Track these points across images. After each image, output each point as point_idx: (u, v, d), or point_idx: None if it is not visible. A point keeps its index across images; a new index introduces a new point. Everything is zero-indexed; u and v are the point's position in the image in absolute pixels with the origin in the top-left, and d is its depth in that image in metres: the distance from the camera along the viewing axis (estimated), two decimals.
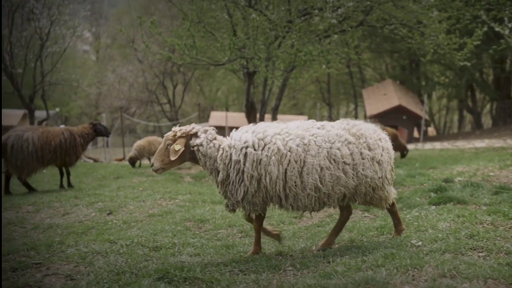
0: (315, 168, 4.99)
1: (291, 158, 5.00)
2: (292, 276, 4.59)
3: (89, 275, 4.80)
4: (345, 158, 5.07)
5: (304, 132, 5.15)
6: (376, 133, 5.35)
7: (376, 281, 4.08)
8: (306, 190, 5.04)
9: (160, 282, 4.37)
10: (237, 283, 4.36)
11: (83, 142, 11.55)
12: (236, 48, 14.46)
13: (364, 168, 5.13)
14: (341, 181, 5.07)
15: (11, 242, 6.68)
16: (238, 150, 5.08)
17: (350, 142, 5.14)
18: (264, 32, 14.24)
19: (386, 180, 5.34)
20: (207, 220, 7.47)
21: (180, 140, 5.20)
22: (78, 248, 5.89)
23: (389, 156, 5.38)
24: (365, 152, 5.16)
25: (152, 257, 5.55)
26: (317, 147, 5.04)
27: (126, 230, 7.00)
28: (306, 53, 13.89)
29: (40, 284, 4.68)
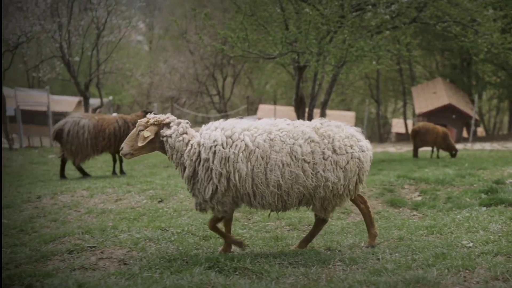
0: (278, 164, 4.89)
1: (259, 154, 4.90)
2: (342, 271, 4.58)
3: (142, 260, 4.92)
4: (305, 155, 4.92)
5: (271, 127, 5.07)
6: (350, 139, 5.11)
7: (427, 280, 4.04)
8: (269, 187, 4.92)
9: (211, 271, 4.44)
10: (286, 275, 4.40)
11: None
12: (288, 42, 14.46)
13: (325, 169, 4.95)
14: (300, 179, 4.92)
15: (67, 225, 6.92)
16: (208, 149, 4.98)
17: (313, 140, 4.99)
18: (316, 26, 14.17)
19: (347, 190, 5.13)
20: (255, 212, 7.50)
21: (151, 127, 5.10)
22: (130, 233, 6.05)
23: (358, 167, 5.11)
24: (328, 153, 4.98)
25: (202, 246, 5.66)
26: (281, 143, 4.94)
27: (177, 218, 7.12)
28: (358, 49, 13.77)
29: (95, 267, 4.83)
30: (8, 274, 4.36)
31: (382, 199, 8.43)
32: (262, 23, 15.27)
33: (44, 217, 7.45)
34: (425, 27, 24.43)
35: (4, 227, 6.74)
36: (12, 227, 6.77)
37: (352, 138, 5.12)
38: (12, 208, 8.08)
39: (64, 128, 11.03)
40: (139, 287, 3.98)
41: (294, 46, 14.61)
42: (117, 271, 4.57)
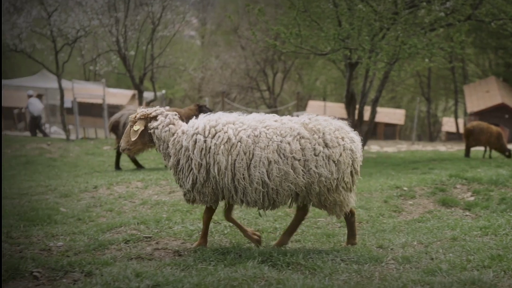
0: (263, 161, 4.79)
1: (241, 149, 4.82)
2: (395, 270, 4.55)
3: (196, 252, 5.00)
4: (295, 153, 4.81)
5: (257, 124, 4.97)
6: (340, 131, 5.00)
7: (483, 282, 3.96)
8: (253, 184, 4.82)
9: (264, 265, 4.48)
10: (339, 272, 4.40)
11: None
12: (340, 38, 14.38)
13: (317, 165, 4.84)
14: (290, 177, 4.81)
15: (122, 215, 7.12)
16: (189, 137, 4.96)
17: (303, 136, 4.88)
18: (369, 23, 14.05)
19: (343, 183, 5.00)
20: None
21: (140, 121, 5.17)
22: (184, 225, 6.18)
23: (351, 158, 5.01)
24: (319, 148, 4.86)
25: None
26: (267, 140, 4.83)
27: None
28: (411, 46, 13.58)
29: (151, 257, 4.95)
30: (69, 261, 4.51)
31: (433, 198, 8.30)
32: (315, 19, 15.23)
33: (101, 207, 7.68)
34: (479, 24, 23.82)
35: (62, 215, 6.99)
36: (70, 215, 7.01)
37: (341, 130, 5.03)
38: (70, 197, 8.36)
39: (120, 120, 11.31)
40: (194, 278, 4.03)
41: (346, 42, 14.52)
42: (173, 261, 4.66)
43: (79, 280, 4.13)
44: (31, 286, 3.99)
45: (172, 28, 25.97)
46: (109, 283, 3.90)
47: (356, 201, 7.89)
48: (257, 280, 4.07)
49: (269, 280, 4.07)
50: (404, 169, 13.39)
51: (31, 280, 4.11)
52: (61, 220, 6.73)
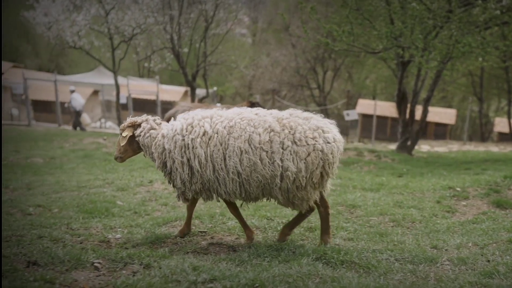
0: (236, 151, 4.86)
1: (217, 140, 4.92)
2: (450, 271, 4.50)
3: (250, 248, 5.07)
4: (263, 144, 4.84)
5: (234, 115, 5.05)
6: (315, 132, 4.93)
7: None
8: (229, 174, 4.91)
9: (318, 263, 4.53)
10: (394, 271, 4.39)
11: None
12: (393, 36, 14.21)
13: (283, 159, 4.83)
14: (258, 167, 4.86)
15: (177, 210, 7.29)
16: (170, 139, 5.14)
17: (273, 130, 4.90)
18: (422, 21, 13.83)
19: (311, 182, 4.94)
20: (358, 206, 7.50)
21: (128, 129, 5.42)
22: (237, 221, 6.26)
23: (322, 159, 4.91)
24: (287, 143, 4.85)
25: (307, 237, 5.76)
26: (240, 130, 4.90)
27: (281, 208, 7.24)
28: (465, 45, 13.28)
29: (206, 252, 5.07)
30: (128, 253, 4.66)
31: (487, 199, 8.12)
32: (367, 17, 15.11)
33: (156, 201, 7.87)
34: None
35: (119, 208, 7.21)
36: (127, 209, 7.22)
37: (317, 130, 4.97)
38: (126, 191, 8.59)
39: (175, 116, 11.48)
40: (249, 273, 4.10)
41: (399, 41, 14.34)
42: (228, 256, 4.75)
43: (138, 272, 4.26)
44: (92, 276, 4.12)
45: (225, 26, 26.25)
46: (167, 276, 4.01)
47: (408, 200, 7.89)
48: (312, 277, 4.11)
49: (324, 278, 4.11)
50: (456, 169, 13.14)
51: (92, 270, 4.26)
52: (118, 213, 6.95)
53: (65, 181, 9.45)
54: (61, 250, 4.65)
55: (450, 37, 14.02)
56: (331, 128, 5.09)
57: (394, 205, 7.62)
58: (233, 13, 25.92)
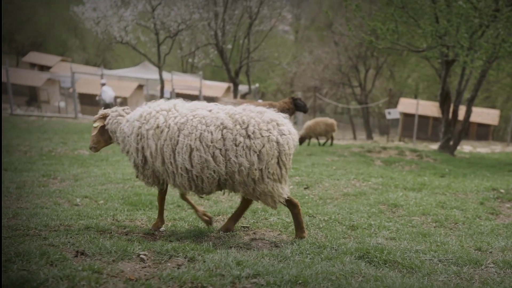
0: (185, 148, 4.89)
1: (168, 135, 4.96)
2: (495, 273, 4.45)
3: (293, 244, 5.09)
4: (216, 142, 4.88)
5: (188, 112, 5.07)
6: (269, 124, 4.95)
7: None
8: (178, 169, 4.96)
9: (361, 261, 4.52)
10: (438, 272, 4.35)
11: None
12: (438, 35, 14.00)
13: (237, 155, 4.86)
14: (210, 165, 4.88)
15: (219, 204, 7.38)
16: (130, 124, 5.25)
17: (225, 127, 4.93)
18: (468, 20, 13.57)
19: (268, 173, 4.94)
20: (400, 206, 7.45)
21: (99, 120, 5.61)
22: (280, 217, 6.32)
23: (277, 150, 4.95)
24: (240, 139, 4.86)
25: (349, 235, 5.75)
26: (191, 127, 4.93)
27: (323, 205, 7.29)
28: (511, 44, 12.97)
29: (249, 247, 5.11)
30: (172, 246, 4.73)
31: None
32: (412, 15, 14.92)
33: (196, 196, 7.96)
34: None
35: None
36: (170, 202, 7.33)
37: (271, 122, 4.99)
38: None
39: None
40: (293, 270, 4.11)
41: (444, 39, 14.10)
42: (270, 252, 4.77)
43: (183, 264, 4.32)
44: (138, 267, 4.20)
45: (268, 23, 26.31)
46: (211, 270, 4.06)
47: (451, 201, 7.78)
48: (355, 276, 4.12)
49: (367, 277, 4.10)
50: (499, 170, 12.87)
51: (138, 262, 4.34)
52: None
53: (110, 173, 9.65)
54: (108, 241, 4.77)
55: (497, 36, 13.74)
56: (286, 121, 5.18)
57: (436, 205, 7.54)
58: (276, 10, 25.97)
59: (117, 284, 3.75)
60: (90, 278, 3.71)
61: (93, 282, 3.66)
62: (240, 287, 3.80)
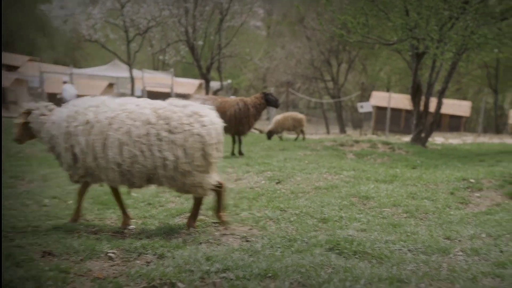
0: (115, 142, 4.95)
1: (98, 130, 5.01)
2: (463, 261, 4.50)
3: (263, 238, 5.09)
4: (141, 137, 4.96)
5: (118, 107, 5.14)
6: (191, 118, 5.05)
7: None
8: (109, 163, 5.01)
9: (331, 253, 4.54)
10: (406, 262, 4.38)
11: (255, 112, 12.05)
12: (408, 28, 14.13)
13: (161, 150, 4.96)
14: (139, 159, 4.96)
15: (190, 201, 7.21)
16: (57, 125, 5.27)
17: (149, 122, 5.00)
18: (437, 12, 13.72)
19: (195, 166, 5.04)
20: (372, 198, 7.48)
21: (22, 115, 5.64)
22: (251, 212, 6.30)
23: (201, 142, 5.04)
24: (163, 134, 4.96)
25: (320, 228, 5.76)
26: (120, 122, 4.99)
27: (295, 199, 7.29)
28: (480, 36, 13.17)
29: (219, 242, 5.08)
30: (142, 243, 4.70)
31: (502, 191, 8.07)
32: (382, 8, 15.02)
33: (169, 193, 7.90)
34: None
35: (133, 200, 7.27)
36: (141, 200, 7.28)
37: (193, 116, 5.07)
38: None
39: None
40: (262, 263, 4.11)
41: (414, 32, 14.24)
42: (241, 247, 4.77)
43: (152, 261, 4.31)
44: (106, 266, 4.19)
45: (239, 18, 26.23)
46: (180, 266, 4.04)
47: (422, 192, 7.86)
48: (325, 268, 4.12)
49: (336, 268, 4.11)
50: (470, 161, 13.06)
51: (106, 260, 4.32)
52: (132, 204, 7.01)
53: None
54: (76, 240, 4.73)
55: (466, 28, 13.91)
56: (209, 112, 5.22)
57: (407, 197, 7.60)
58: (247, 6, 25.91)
59: (84, 283, 3.74)
60: (57, 277, 3.69)
61: (60, 281, 3.64)
62: (209, 282, 3.80)
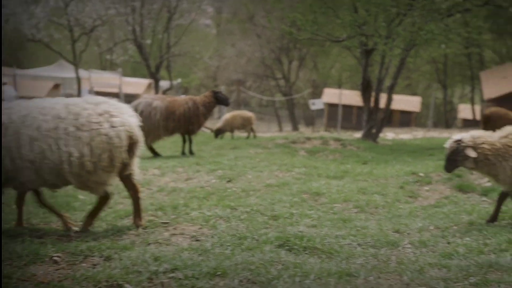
0: (27, 139, 4.92)
1: (12, 130, 4.94)
2: (411, 253, 4.57)
3: (213, 237, 5.04)
4: (50, 131, 4.93)
5: (31, 104, 5.14)
6: (101, 116, 5.06)
7: (500, 265, 3.98)
8: (24, 162, 4.96)
9: (281, 249, 4.54)
10: (356, 256, 4.42)
11: (205, 111, 11.95)
12: (357, 25, 14.31)
13: (67, 145, 4.94)
14: (47, 154, 4.94)
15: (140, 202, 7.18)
16: None
17: (59, 117, 4.99)
18: (385, 9, 13.95)
19: (101, 166, 5.07)
20: (322, 194, 7.53)
21: None
22: (201, 211, 6.22)
23: (109, 144, 5.03)
24: (71, 129, 4.96)
25: (271, 225, 5.75)
26: (32, 118, 4.96)
27: (245, 198, 7.26)
28: (428, 32, 13.48)
29: (169, 242, 5.00)
30: (88, 246, 4.58)
31: (450, 183, 8.30)
32: (330, 6, 15.16)
33: (118, 194, 7.71)
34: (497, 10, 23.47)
35: (81, 202, 7.09)
36: (89, 202, 7.07)
37: (104, 115, 5.07)
38: None
39: (137, 108, 11.34)
40: (212, 262, 4.08)
41: (362, 29, 14.45)
42: (190, 246, 4.72)
43: (98, 264, 4.21)
44: (51, 270, 4.06)
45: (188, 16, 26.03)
46: (128, 267, 3.97)
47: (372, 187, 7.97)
48: (274, 264, 4.11)
49: (286, 264, 4.11)
50: (420, 155, 13.33)
51: (51, 264, 4.20)
52: (79, 207, 6.84)
53: None
54: (19, 245, 4.58)
55: (413, 24, 14.19)
56: (123, 112, 5.20)
57: (358, 192, 7.69)
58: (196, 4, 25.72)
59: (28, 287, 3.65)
60: None
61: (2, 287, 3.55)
62: (158, 282, 3.76)
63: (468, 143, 5.46)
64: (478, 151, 5.41)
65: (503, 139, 5.47)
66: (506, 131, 5.54)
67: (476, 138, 5.49)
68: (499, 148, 5.41)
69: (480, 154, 5.42)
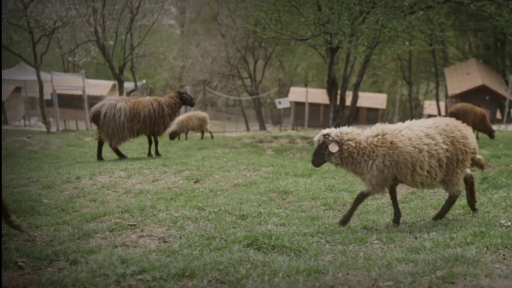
0: None
1: None
2: (379, 249, 4.62)
3: (181, 238, 5.03)
4: None
5: None
6: None
7: (466, 258, 4.03)
8: None
9: (249, 249, 4.53)
10: (324, 253, 4.44)
11: (170, 112, 11.85)
12: (320, 23, 14.38)
13: None
14: None
15: (106, 205, 7.09)
16: None
17: None
18: (349, 7, 14.07)
19: None
20: (290, 192, 7.57)
21: None
22: (169, 213, 6.17)
23: None
24: None
25: (239, 224, 5.74)
26: None
27: (213, 198, 7.23)
28: (391, 29, 13.63)
29: (136, 245, 4.96)
30: (53, 250, 4.51)
31: None
32: (294, 4, 15.20)
33: (84, 197, 7.64)
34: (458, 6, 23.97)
35: (45, 206, 6.94)
36: (54, 206, 6.95)
37: None
38: (53, 188, 8.28)
39: (101, 110, 11.20)
40: (180, 263, 4.06)
41: (327, 27, 14.53)
42: (158, 248, 4.69)
43: (64, 268, 4.15)
44: (16, 276, 3.99)
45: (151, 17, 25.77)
46: (94, 270, 3.93)
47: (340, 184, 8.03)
48: (243, 263, 4.11)
49: (255, 263, 4.10)
50: None
51: (16, 270, 4.11)
52: (44, 211, 6.69)
53: None
54: None
55: (377, 22, 14.34)
56: None
57: (326, 189, 7.74)
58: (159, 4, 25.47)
59: None
60: None
61: None
62: (125, 285, 3.72)
63: (335, 138, 5.38)
64: (343, 147, 5.35)
65: (371, 138, 5.40)
66: (376, 131, 5.47)
67: (344, 134, 5.42)
68: (365, 147, 5.36)
69: (345, 150, 5.36)
